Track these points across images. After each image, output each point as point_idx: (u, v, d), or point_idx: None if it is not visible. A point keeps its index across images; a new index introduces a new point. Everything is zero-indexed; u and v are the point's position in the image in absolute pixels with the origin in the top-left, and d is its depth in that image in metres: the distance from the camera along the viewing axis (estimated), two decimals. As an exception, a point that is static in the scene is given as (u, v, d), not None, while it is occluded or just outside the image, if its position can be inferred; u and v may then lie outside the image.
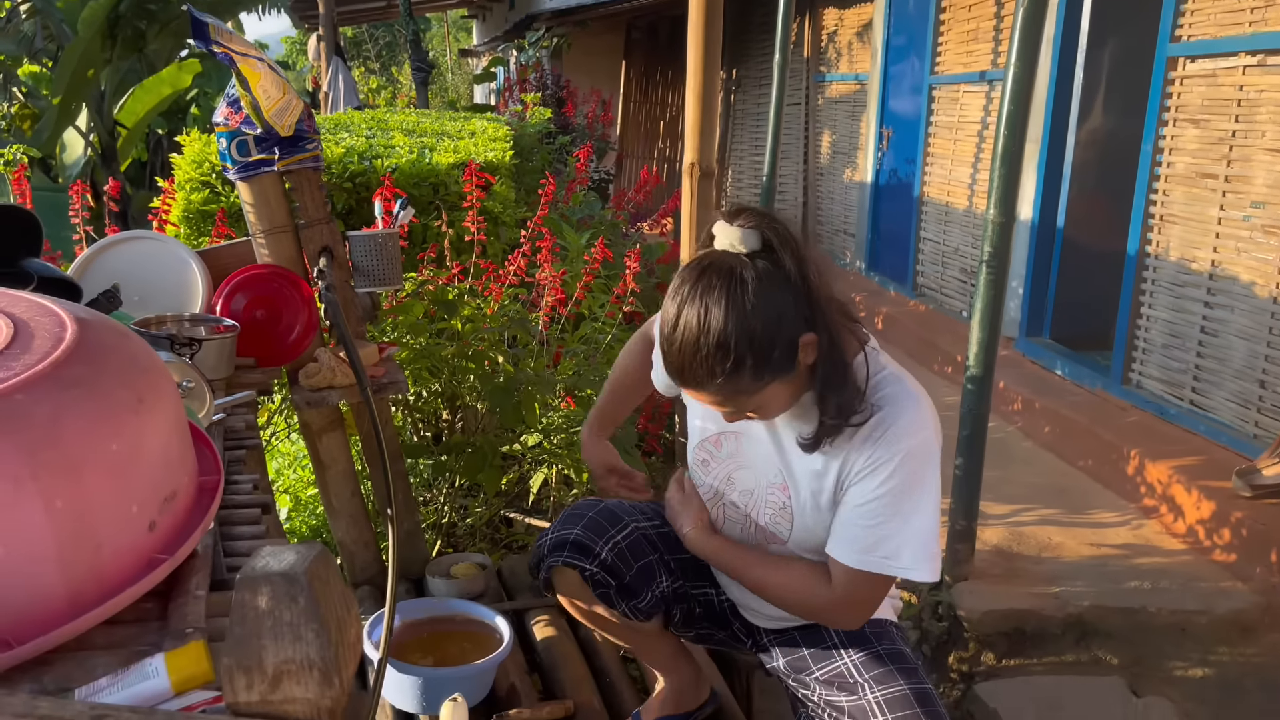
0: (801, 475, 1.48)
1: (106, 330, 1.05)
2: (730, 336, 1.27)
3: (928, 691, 1.47)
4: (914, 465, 1.38)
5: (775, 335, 1.29)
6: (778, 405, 1.40)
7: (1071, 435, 3.79)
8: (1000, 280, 2.65)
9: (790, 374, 1.34)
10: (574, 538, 1.65)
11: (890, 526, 1.39)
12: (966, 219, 5.34)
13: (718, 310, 1.27)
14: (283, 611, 0.72)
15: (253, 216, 2.13)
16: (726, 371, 1.29)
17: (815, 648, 1.58)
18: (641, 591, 1.66)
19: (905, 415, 1.38)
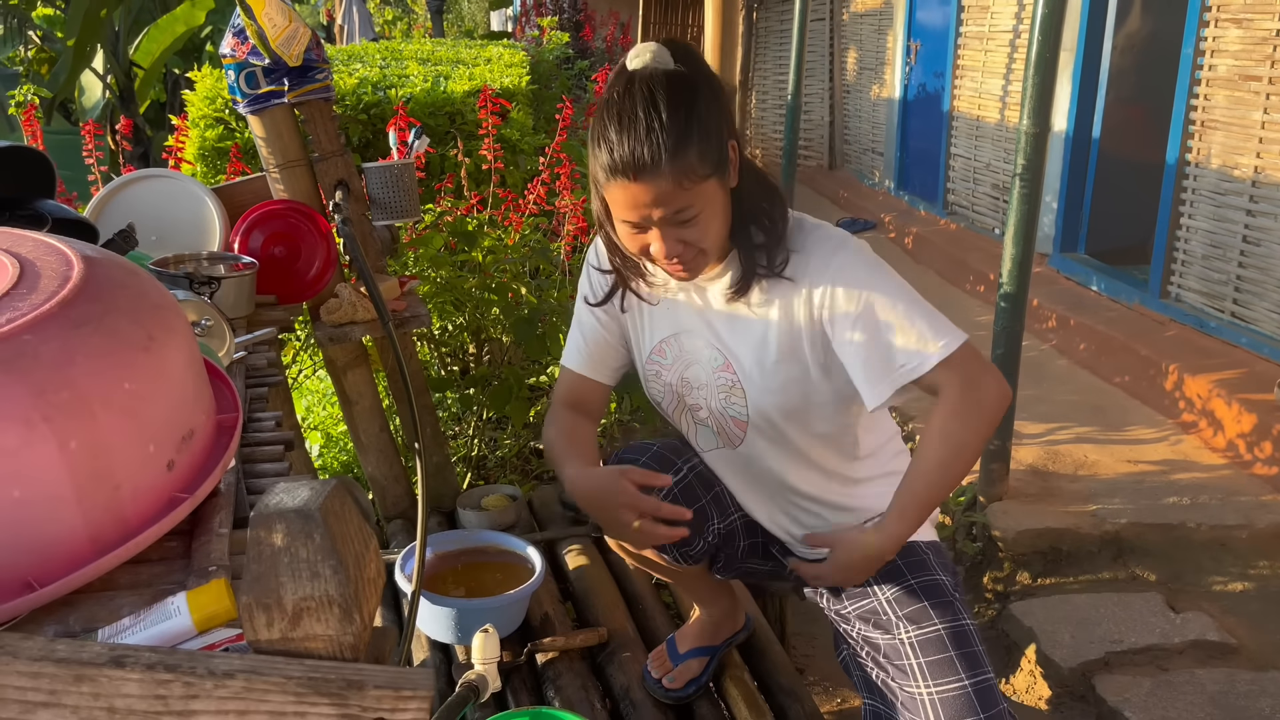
0: (740, 347, 1.47)
1: (115, 268, 1.03)
2: (680, 111, 1.28)
3: (963, 629, 1.43)
4: (864, 260, 1.39)
5: (711, 124, 1.31)
6: (715, 221, 1.36)
7: (1108, 351, 3.72)
8: (1034, 194, 2.57)
9: (724, 176, 1.34)
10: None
11: (895, 330, 1.35)
12: (998, 133, 5.20)
13: (661, 94, 1.29)
14: (299, 549, 0.70)
15: (265, 151, 2.09)
16: (677, 145, 1.27)
17: (848, 595, 1.55)
18: (693, 540, 1.61)
19: (823, 232, 1.42)
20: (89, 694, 0.68)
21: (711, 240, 1.38)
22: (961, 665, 1.39)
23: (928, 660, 1.41)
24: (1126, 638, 2.34)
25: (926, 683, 1.39)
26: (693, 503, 1.59)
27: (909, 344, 1.34)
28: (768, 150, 8.68)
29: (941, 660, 1.40)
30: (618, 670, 1.84)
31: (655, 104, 1.28)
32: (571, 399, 1.63)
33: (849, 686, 2.33)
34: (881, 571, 1.51)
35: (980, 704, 1.36)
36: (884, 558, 1.45)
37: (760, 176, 1.42)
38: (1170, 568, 2.62)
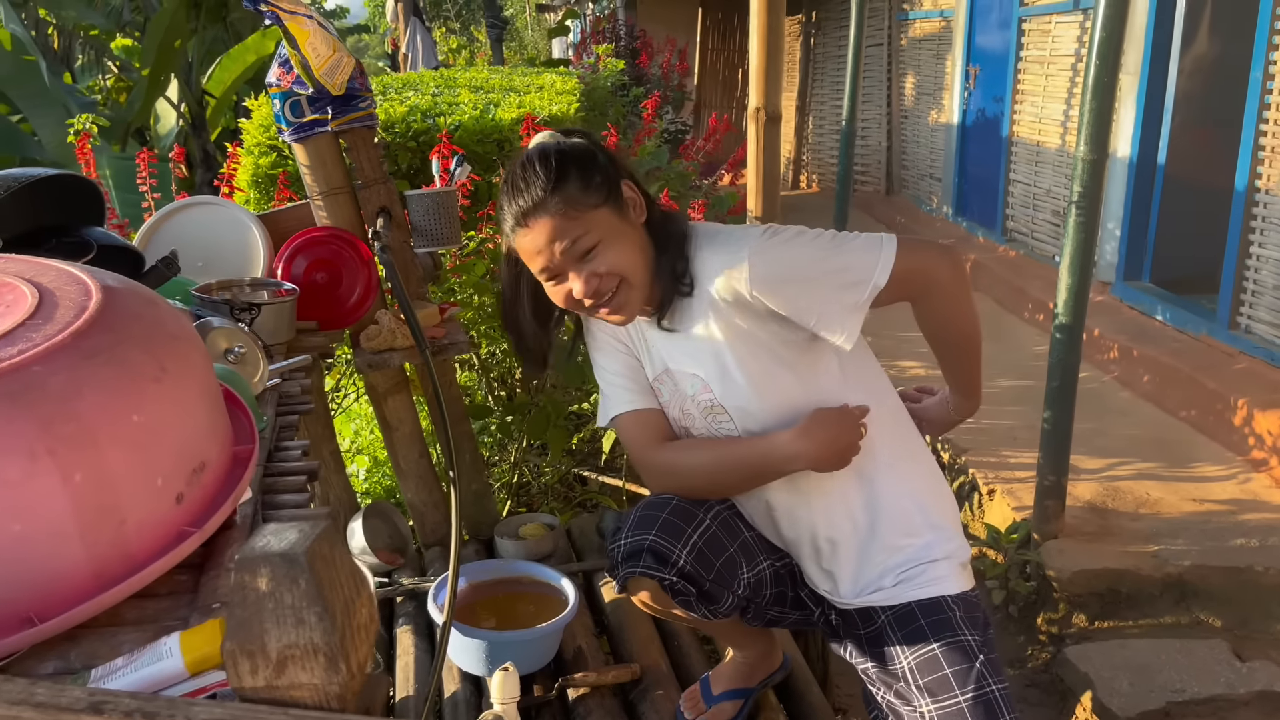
0: (707, 367, 1.49)
1: (133, 298, 1.03)
2: (553, 148, 1.42)
3: (987, 698, 1.36)
4: (770, 238, 1.42)
5: (591, 164, 1.41)
6: (621, 249, 1.42)
7: (1173, 384, 3.59)
8: (1091, 222, 2.49)
9: (619, 206, 1.42)
10: (650, 544, 1.51)
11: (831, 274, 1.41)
12: (1059, 159, 5.08)
13: (542, 157, 1.41)
14: (283, 594, 0.68)
15: (309, 178, 2.11)
16: (553, 178, 1.38)
17: (876, 646, 1.49)
18: (722, 597, 1.55)
19: (724, 231, 1.48)
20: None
21: (626, 269, 1.43)
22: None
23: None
24: (1189, 687, 2.23)
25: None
26: (720, 553, 1.53)
27: (851, 282, 1.40)
28: (825, 176, 8.61)
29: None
30: (650, 709, 1.79)
31: (536, 164, 1.40)
32: (652, 437, 1.57)
33: (894, 730, 2.26)
34: (906, 636, 1.44)
35: None
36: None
37: (667, 214, 1.51)
38: (1236, 613, 2.50)
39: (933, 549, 1.49)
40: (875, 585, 1.49)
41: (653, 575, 1.49)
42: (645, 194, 1.49)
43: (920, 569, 1.48)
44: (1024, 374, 4.01)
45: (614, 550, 1.55)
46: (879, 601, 1.49)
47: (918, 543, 1.49)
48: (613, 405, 1.59)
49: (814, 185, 8.80)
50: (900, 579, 1.47)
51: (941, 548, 1.50)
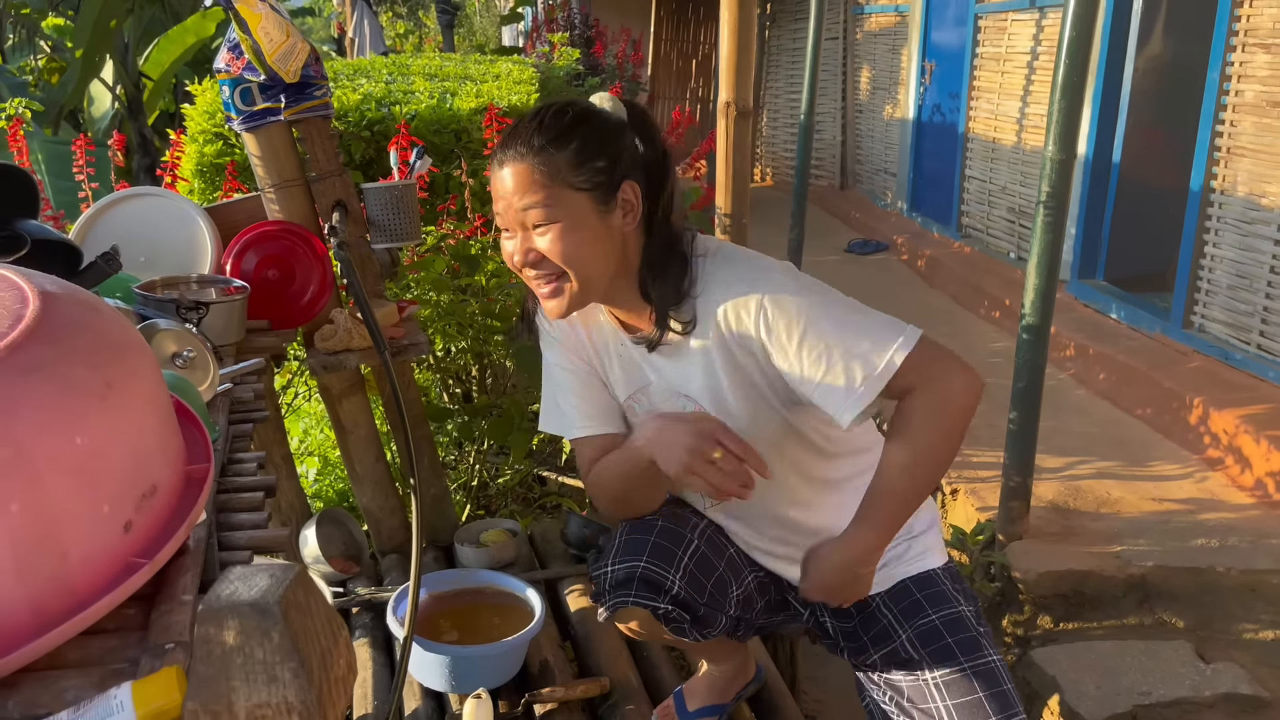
0: (699, 391, 1.39)
1: (75, 305, 0.94)
2: (565, 115, 1.30)
3: (990, 666, 1.36)
4: (792, 285, 1.29)
5: (604, 149, 1.29)
6: (575, 242, 1.29)
7: (1129, 382, 3.62)
8: (1059, 222, 2.47)
9: (603, 204, 1.29)
10: (642, 571, 1.44)
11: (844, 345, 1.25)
12: (1015, 156, 5.11)
13: (572, 112, 1.31)
14: (254, 648, 0.61)
15: (261, 170, 2.00)
16: (552, 139, 1.28)
17: (872, 627, 1.45)
18: (715, 620, 1.49)
19: (745, 261, 1.34)
20: (3, 819, 0.58)
21: (573, 263, 1.30)
22: (991, 706, 1.32)
23: (955, 702, 1.33)
24: (1155, 689, 2.23)
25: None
26: (710, 574, 1.47)
27: (864, 356, 1.24)
28: (779, 169, 8.60)
29: (970, 702, 1.32)
30: (620, 724, 1.74)
31: (549, 115, 1.30)
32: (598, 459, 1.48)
33: (862, 736, 2.23)
34: (903, 611, 1.43)
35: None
36: (857, 569, 1.35)
37: (670, 238, 1.35)
38: (1199, 614, 2.51)
39: (914, 525, 1.48)
40: None
41: (646, 605, 1.42)
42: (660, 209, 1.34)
43: (905, 545, 1.47)
44: (982, 371, 3.99)
45: (600, 577, 1.47)
46: (872, 589, 1.45)
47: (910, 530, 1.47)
48: (567, 426, 1.51)
49: (768, 179, 8.79)
50: (887, 560, 1.45)
51: (922, 520, 1.49)
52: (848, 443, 1.46)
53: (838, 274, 5.67)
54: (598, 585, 1.48)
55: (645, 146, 1.33)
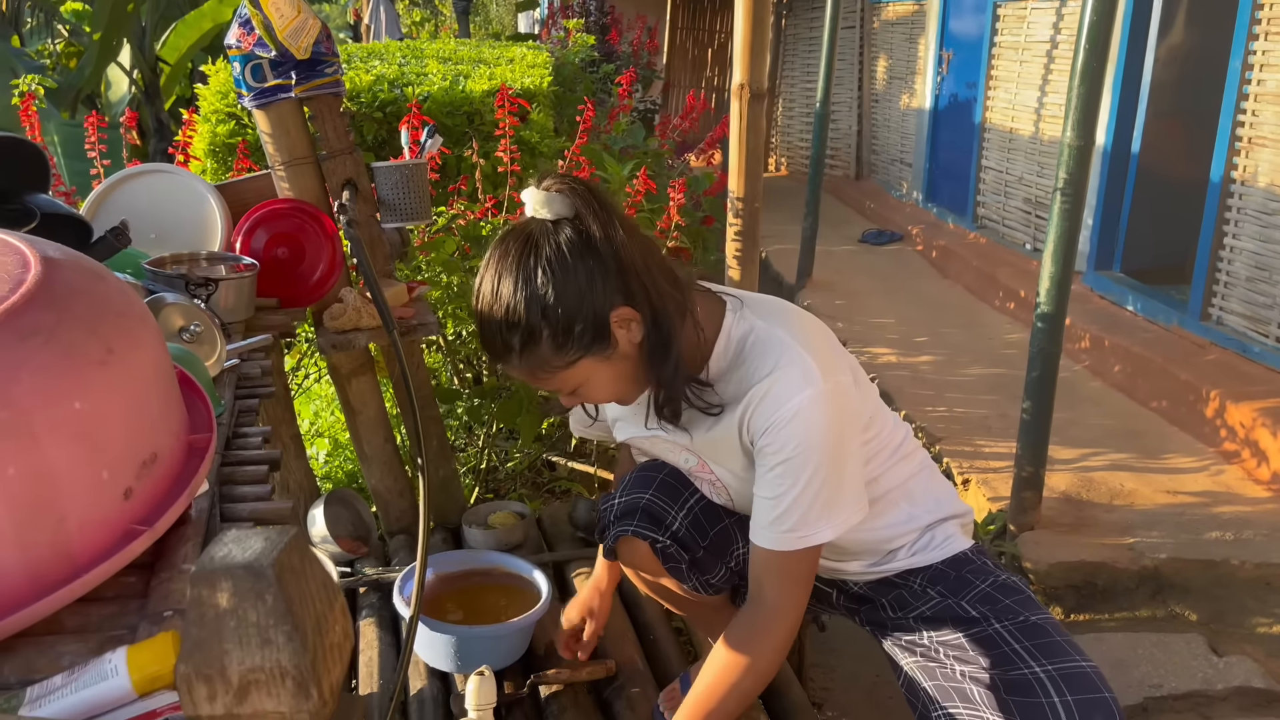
0: (708, 455, 1.42)
1: (77, 271, 0.93)
2: (520, 307, 1.20)
3: (1055, 621, 1.36)
4: (799, 429, 1.26)
5: (576, 306, 1.20)
6: (606, 388, 1.30)
7: (1144, 374, 3.58)
8: (1076, 210, 2.44)
9: (605, 351, 1.24)
10: (645, 503, 1.50)
11: (793, 497, 1.28)
12: (1032, 146, 5.06)
13: (509, 279, 1.21)
14: (247, 611, 0.60)
15: (271, 147, 2.00)
16: (521, 344, 1.22)
17: (920, 600, 1.45)
18: (715, 566, 1.54)
19: (781, 379, 1.27)
20: (-7, 779, 0.58)
21: (615, 397, 1.32)
22: (1071, 649, 1.30)
23: (1035, 643, 1.31)
24: (1166, 682, 2.21)
25: (1041, 663, 1.28)
26: (715, 523, 1.50)
27: (802, 518, 1.28)
28: (794, 159, 8.56)
29: (1050, 643, 1.31)
30: (626, 708, 1.72)
31: (516, 284, 1.21)
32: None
33: (869, 723, 2.21)
34: (946, 584, 1.43)
35: (1103, 685, 1.26)
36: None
37: (662, 346, 1.28)
38: (1212, 607, 2.48)
39: (919, 516, 1.48)
40: (887, 560, 1.46)
41: (645, 536, 1.46)
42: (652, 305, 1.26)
43: (928, 535, 1.47)
44: (995, 362, 3.99)
45: (606, 509, 1.52)
46: (897, 568, 1.44)
47: (920, 523, 1.47)
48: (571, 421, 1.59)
49: (783, 169, 8.75)
50: (915, 550, 1.45)
51: (925, 511, 1.48)
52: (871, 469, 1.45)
53: (851, 264, 5.64)
54: (601, 519, 1.52)
55: (599, 225, 1.22)
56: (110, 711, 0.69)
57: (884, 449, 1.45)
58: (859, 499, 1.33)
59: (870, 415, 1.41)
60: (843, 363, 1.34)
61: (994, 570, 1.44)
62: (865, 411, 1.40)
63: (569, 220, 1.23)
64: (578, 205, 1.23)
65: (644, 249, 1.28)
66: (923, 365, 4.02)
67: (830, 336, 1.40)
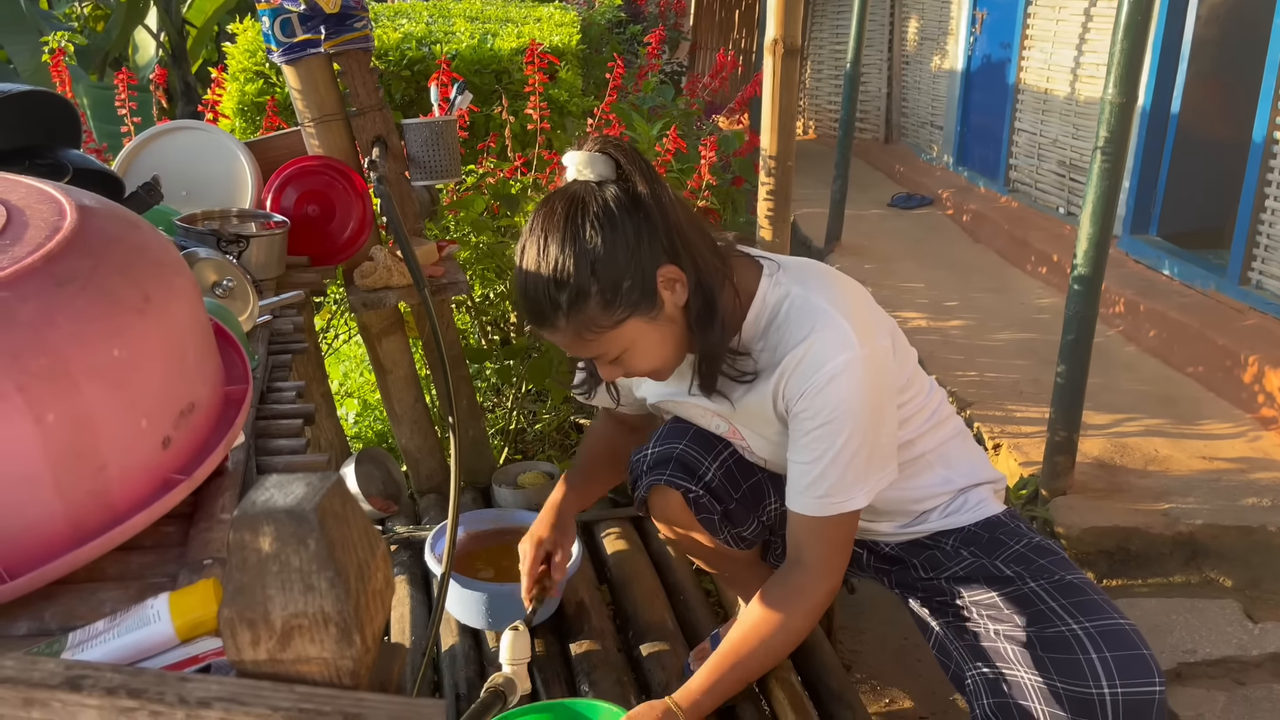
0: (740, 422, 1.42)
1: (112, 220, 0.92)
2: (570, 264, 1.18)
3: (1088, 580, 1.35)
4: (835, 394, 1.24)
5: (623, 264, 1.19)
6: (650, 353, 1.27)
7: (1181, 340, 3.52)
8: (1116, 169, 2.39)
9: (652, 310, 1.23)
10: (679, 453, 1.50)
11: (827, 462, 1.27)
12: (1068, 107, 4.96)
13: (556, 237, 1.19)
14: (290, 556, 0.59)
15: (301, 104, 1.98)
16: (569, 303, 1.20)
17: (952, 561, 1.43)
18: (747, 519, 1.54)
19: (816, 344, 1.25)
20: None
21: (658, 364, 1.30)
22: (1109, 607, 1.29)
23: (1072, 601, 1.30)
24: (1200, 647, 2.19)
25: (1078, 620, 1.27)
26: (749, 477, 1.51)
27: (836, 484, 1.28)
28: (822, 122, 8.45)
29: (1087, 601, 1.30)
30: (656, 665, 1.73)
31: (564, 241, 1.19)
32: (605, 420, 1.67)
33: (898, 685, 2.21)
34: (979, 546, 1.41)
35: (1141, 642, 1.25)
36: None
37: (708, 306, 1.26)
38: (1248, 574, 2.45)
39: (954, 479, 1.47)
40: (919, 521, 1.45)
41: (678, 486, 1.46)
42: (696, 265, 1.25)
43: (961, 498, 1.46)
44: (1027, 327, 3.94)
45: (638, 460, 1.53)
46: (929, 530, 1.43)
47: (954, 486, 1.46)
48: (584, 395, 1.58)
49: (810, 132, 8.64)
50: (948, 513, 1.45)
51: (960, 474, 1.47)
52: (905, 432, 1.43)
53: (880, 229, 5.58)
54: (634, 470, 1.53)
55: (645, 183, 1.22)
56: (153, 657, 0.69)
57: (921, 412, 1.43)
58: (890, 463, 1.33)
59: (908, 378, 1.40)
60: (881, 327, 1.32)
61: (1027, 532, 1.43)
62: (903, 375, 1.38)
63: (613, 181, 1.22)
64: (623, 164, 1.22)
65: (687, 212, 1.28)
66: (953, 330, 3.97)
67: (868, 300, 1.37)
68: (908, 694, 2.18)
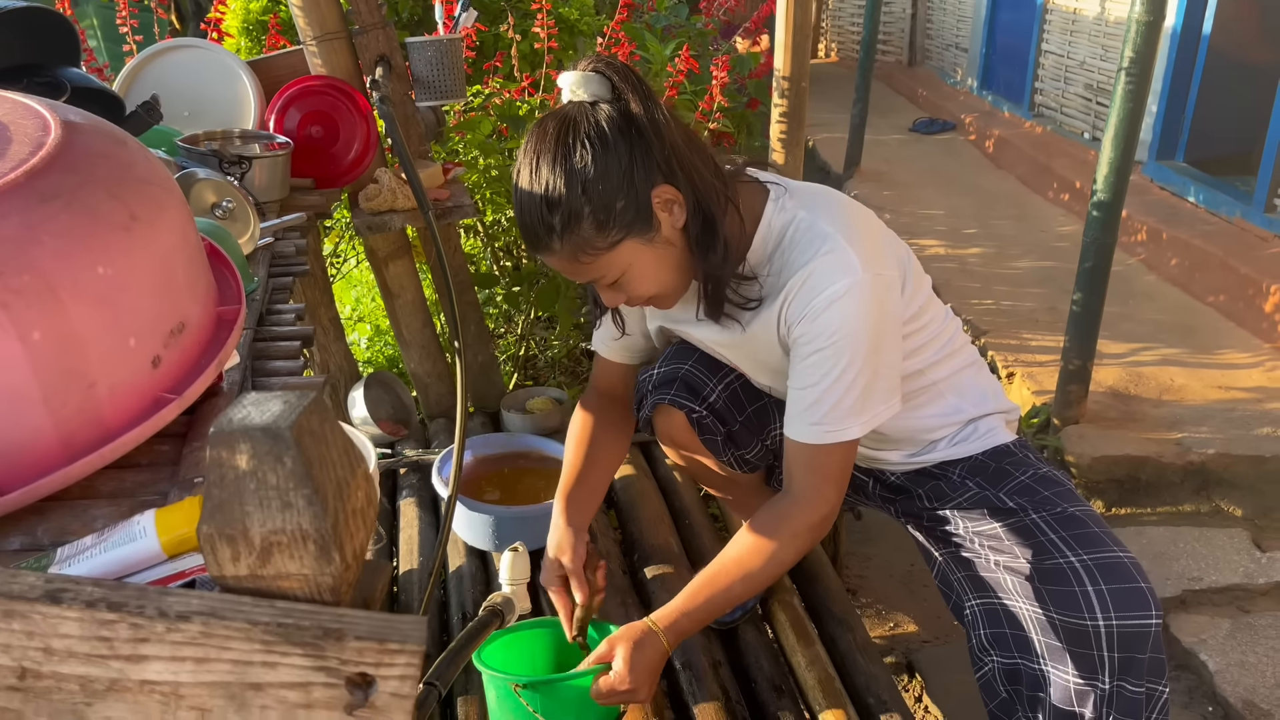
0: (738, 357, 1.42)
1: (98, 136, 0.91)
2: (561, 183, 1.17)
3: (1093, 512, 1.33)
4: (834, 319, 1.22)
5: (616, 183, 1.17)
6: (650, 276, 1.25)
7: (1203, 268, 3.47)
8: (1141, 91, 2.32)
9: (648, 232, 1.21)
10: (685, 373, 1.50)
11: (823, 388, 1.25)
12: (1097, 28, 4.82)
13: (548, 157, 1.18)
14: (267, 474, 0.59)
15: (302, 21, 1.94)
16: (562, 225, 1.18)
17: (958, 492, 1.42)
18: (751, 442, 1.54)
19: (819, 268, 1.23)
20: (21, 632, 0.58)
21: (659, 288, 1.27)
22: (1109, 540, 1.28)
23: (1072, 533, 1.29)
24: (1206, 575, 2.19)
25: (1076, 553, 1.26)
26: (754, 400, 1.51)
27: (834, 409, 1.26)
28: (844, 45, 8.26)
29: (1087, 534, 1.28)
30: (660, 588, 1.74)
31: (555, 162, 1.17)
32: (597, 387, 1.62)
33: (903, 610, 2.23)
34: (985, 476, 1.40)
35: (1140, 575, 1.24)
36: (667, 654, 1.32)
37: (709, 228, 1.24)
38: (1259, 503, 2.44)
39: (964, 408, 1.45)
40: (927, 450, 1.44)
41: (682, 406, 1.47)
42: (694, 185, 1.22)
43: (971, 427, 1.44)
44: (1046, 255, 3.88)
45: (644, 380, 1.54)
46: (936, 459, 1.43)
47: (964, 416, 1.44)
48: (595, 336, 1.58)
49: (833, 55, 8.46)
50: (956, 441, 1.43)
51: (991, 405, 1.46)
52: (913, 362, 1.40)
53: (901, 154, 5.48)
54: (639, 390, 1.53)
55: (639, 103, 1.18)
56: (139, 572, 0.69)
57: (935, 341, 1.41)
58: (890, 396, 1.30)
59: (920, 306, 1.37)
60: (889, 255, 1.29)
61: (1035, 463, 1.41)
62: (914, 304, 1.35)
63: (608, 101, 1.19)
64: (616, 83, 1.20)
65: (685, 133, 1.25)
66: (971, 258, 3.92)
67: (878, 227, 1.34)
68: (912, 619, 2.20)
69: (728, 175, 1.29)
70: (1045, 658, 1.28)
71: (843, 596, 1.79)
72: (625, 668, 1.26)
